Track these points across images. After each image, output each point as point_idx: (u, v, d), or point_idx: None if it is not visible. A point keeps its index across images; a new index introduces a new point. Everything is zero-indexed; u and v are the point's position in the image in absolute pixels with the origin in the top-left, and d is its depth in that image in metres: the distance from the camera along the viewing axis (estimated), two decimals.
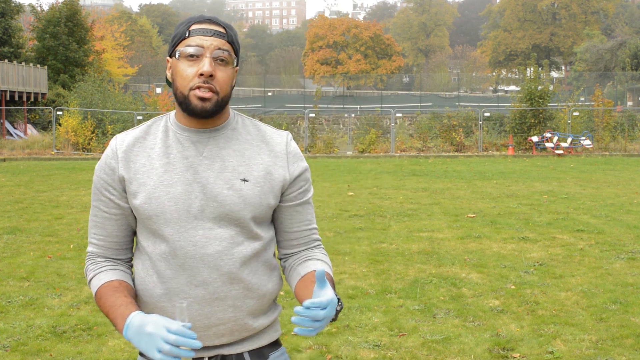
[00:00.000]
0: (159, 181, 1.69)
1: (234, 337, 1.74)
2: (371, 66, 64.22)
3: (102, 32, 44.64)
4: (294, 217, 1.82)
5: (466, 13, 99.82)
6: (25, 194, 12.89)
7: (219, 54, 1.67)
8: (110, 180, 1.74)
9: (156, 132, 1.76)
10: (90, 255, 1.80)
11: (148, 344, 1.52)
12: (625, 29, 64.65)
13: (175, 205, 1.68)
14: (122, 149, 1.74)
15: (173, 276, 1.70)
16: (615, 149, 23.81)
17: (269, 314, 1.81)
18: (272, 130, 1.81)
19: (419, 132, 26.44)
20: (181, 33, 1.71)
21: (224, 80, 1.68)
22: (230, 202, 1.69)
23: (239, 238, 1.71)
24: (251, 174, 1.72)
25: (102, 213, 1.77)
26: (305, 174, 1.81)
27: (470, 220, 9.73)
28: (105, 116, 25.61)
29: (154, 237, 1.72)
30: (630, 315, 5.32)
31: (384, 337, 4.87)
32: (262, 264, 1.76)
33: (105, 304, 1.69)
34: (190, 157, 1.71)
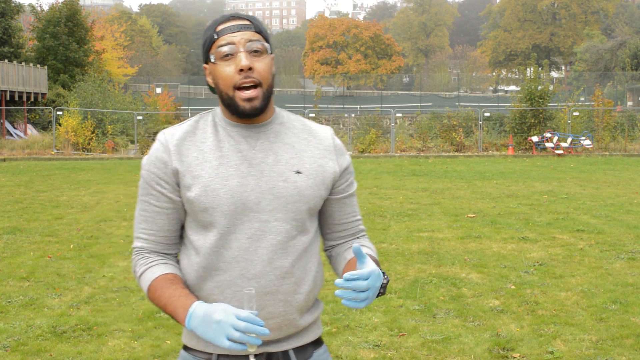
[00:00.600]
0: (214, 174, 1.68)
1: (281, 332, 1.73)
2: (371, 66, 64.21)
3: (102, 32, 44.63)
4: (342, 209, 1.84)
5: (466, 13, 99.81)
6: (25, 194, 12.89)
7: (252, 46, 1.68)
8: (162, 173, 1.72)
9: (205, 127, 1.76)
10: (140, 250, 1.78)
11: (216, 332, 1.53)
12: (625, 29, 64.64)
13: (232, 197, 1.67)
14: (173, 142, 1.72)
15: (225, 269, 1.69)
16: (615, 149, 23.81)
17: (312, 311, 1.80)
18: (316, 125, 1.84)
19: (419, 132, 26.44)
20: (210, 37, 1.72)
21: (264, 69, 1.69)
22: (286, 194, 1.70)
23: (293, 232, 1.71)
24: (304, 166, 1.74)
25: (153, 207, 1.75)
26: (350, 167, 1.85)
27: (470, 220, 9.73)
28: (105, 116, 25.61)
29: (206, 231, 1.70)
30: (630, 315, 5.32)
31: (384, 337, 4.87)
32: (310, 259, 1.77)
33: (162, 296, 1.68)
34: (244, 150, 1.71)
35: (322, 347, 1.84)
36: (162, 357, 4.54)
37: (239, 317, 1.52)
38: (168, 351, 4.63)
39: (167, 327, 5.10)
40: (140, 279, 1.76)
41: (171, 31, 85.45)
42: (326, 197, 1.79)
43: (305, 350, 1.79)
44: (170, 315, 1.68)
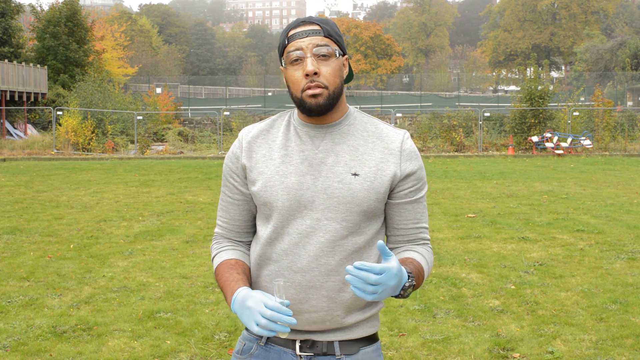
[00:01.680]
0: (275, 171, 1.80)
1: (325, 325, 1.80)
2: (371, 66, 64.23)
3: (102, 32, 44.64)
4: (402, 214, 1.87)
5: (466, 13, 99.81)
6: (25, 194, 12.89)
7: (319, 51, 1.76)
8: (234, 168, 1.88)
9: (280, 126, 1.88)
10: (216, 236, 1.96)
11: (248, 317, 1.65)
12: (625, 29, 64.63)
13: (287, 194, 1.78)
14: (247, 139, 1.87)
15: (276, 259, 1.80)
16: (615, 149, 23.81)
17: (365, 310, 1.85)
18: (390, 128, 1.88)
19: (419, 132, 26.45)
20: (282, 42, 1.82)
21: (330, 74, 1.77)
22: (338, 195, 1.77)
23: (344, 232, 1.77)
24: (362, 169, 1.79)
25: (227, 198, 1.92)
26: (418, 173, 1.85)
27: (470, 220, 9.73)
28: (105, 116, 25.62)
29: (267, 223, 1.83)
30: (630, 315, 5.32)
31: (384, 337, 4.87)
32: (361, 259, 1.80)
33: (221, 279, 1.83)
34: (307, 150, 1.81)
35: (371, 346, 1.88)
36: (162, 357, 4.54)
37: (267, 305, 1.63)
38: (168, 351, 4.63)
39: (167, 327, 5.10)
40: (212, 262, 1.93)
41: (171, 31, 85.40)
42: (384, 200, 1.83)
43: (352, 345, 1.83)
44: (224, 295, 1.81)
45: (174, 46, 77.72)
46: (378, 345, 1.90)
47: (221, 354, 4.56)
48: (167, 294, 6.01)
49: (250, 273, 1.88)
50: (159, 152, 24.59)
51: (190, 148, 25.85)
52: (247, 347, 1.88)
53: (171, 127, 29.39)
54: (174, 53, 73.52)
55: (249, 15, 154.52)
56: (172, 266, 7.04)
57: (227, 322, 5.17)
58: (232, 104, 42.45)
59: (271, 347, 1.85)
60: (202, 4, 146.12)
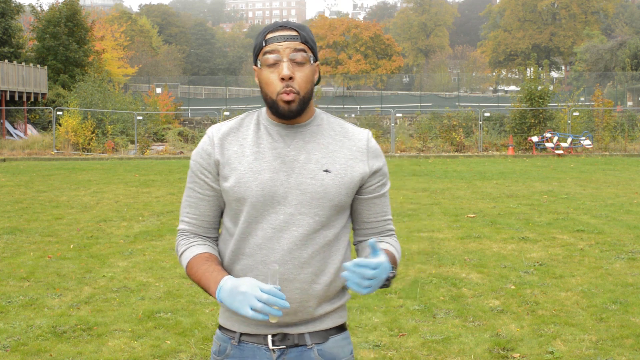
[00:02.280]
0: (249, 167, 1.86)
1: (296, 317, 1.87)
2: (371, 66, 64.19)
3: (102, 32, 44.64)
4: (371, 208, 1.97)
5: (466, 13, 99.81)
6: (25, 194, 12.89)
7: (295, 56, 1.83)
8: (206, 164, 1.91)
9: (249, 124, 1.94)
10: (182, 232, 1.98)
11: (241, 302, 1.70)
12: (625, 29, 64.63)
13: (261, 190, 1.84)
14: (218, 136, 1.91)
15: (250, 254, 1.86)
16: (615, 149, 23.81)
17: (334, 301, 1.92)
18: (354, 127, 1.97)
19: (419, 132, 26.44)
20: (259, 43, 1.88)
21: (303, 80, 1.84)
22: (312, 191, 1.84)
23: (316, 226, 1.85)
24: (333, 166, 1.87)
25: (197, 194, 1.94)
26: (383, 169, 1.96)
27: (470, 220, 9.73)
28: (105, 116, 25.62)
29: (237, 218, 1.88)
30: (630, 315, 5.32)
31: (384, 337, 4.87)
32: (334, 252, 1.89)
33: (197, 272, 1.86)
34: (279, 148, 1.88)
35: (340, 334, 1.95)
36: (162, 357, 4.55)
37: (262, 289, 1.69)
38: (168, 351, 4.63)
39: (167, 327, 5.10)
40: (181, 257, 1.95)
41: (171, 31, 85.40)
42: (353, 195, 1.92)
43: (322, 335, 1.91)
44: (203, 289, 1.84)
45: (174, 46, 77.72)
46: (347, 334, 1.98)
47: None
48: (167, 294, 6.01)
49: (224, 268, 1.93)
50: (159, 152, 24.59)
51: (190, 148, 25.85)
52: (223, 348, 1.93)
53: (171, 127, 29.39)
54: (174, 53, 73.52)
55: (249, 15, 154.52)
56: (172, 266, 7.04)
57: None
58: (232, 104, 42.49)
59: (245, 345, 1.90)
60: (202, 4, 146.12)
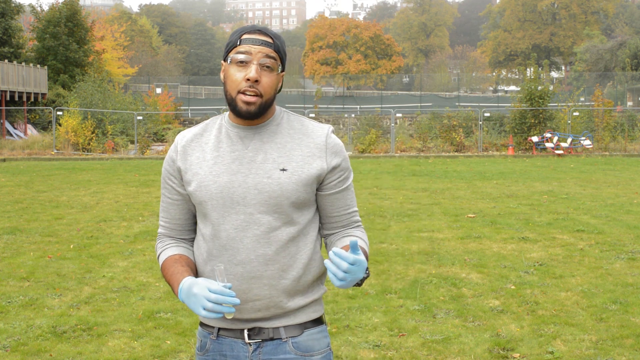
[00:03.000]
0: (209, 171, 1.92)
1: (269, 312, 1.92)
2: (371, 66, 64.18)
3: (102, 32, 44.62)
4: (334, 203, 1.99)
5: (466, 13, 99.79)
6: (25, 194, 12.89)
7: (265, 62, 1.87)
8: (172, 170, 2.00)
9: (212, 129, 1.99)
10: (159, 236, 2.07)
11: (195, 304, 1.78)
12: (625, 29, 64.62)
13: (220, 192, 1.90)
14: (181, 144, 1.98)
15: (217, 255, 1.91)
16: (615, 149, 23.80)
17: (307, 295, 1.96)
18: (314, 124, 1.99)
19: (419, 132, 26.44)
20: (234, 41, 1.91)
21: (268, 85, 1.88)
22: (268, 190, 1.88)
23: (276, 223, 1.89)
24: (290, 164, 1.90)
25: (167, 199, 2.03)
26: (342, 164, 1.97)
27: (470, 220, 9.73)
28: (105, 116, 25.62)
29: (205, 220, 1.95)
30: (630, 315, 5.32)
31: (384, 337, 4.87)
32: (301, 248, 1.93)
33: (167, 274, 1.95)
34: (237, 150, 1.92)
35: (316, 328, 1.98)
36: (162, 357, 4.54)
37: (210, 289, 1.75)
38: (168, 351, 4.63)
39: (167, 327, 5.10)
40: (158, 260, 2.04)
41: (171, 31, 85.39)
42: (313, 192, 1.95)
43: (296, 328, 1.95)
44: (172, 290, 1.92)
45: (174, 46, 77.71)
46: (324, 327, 2.01)
47: None
48: (167, 294, 6.01)
49: (196, 266, 1.99)
50: (159, 152, 24.59)
51: None
52: (203, 343, 2.01)
53: (171, 127, 29.40)
54: (174, 53, 73.51)
55: (249, 16, 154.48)
56: None
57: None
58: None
59: (223, 339, 1.96)
60: (202, 4, 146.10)
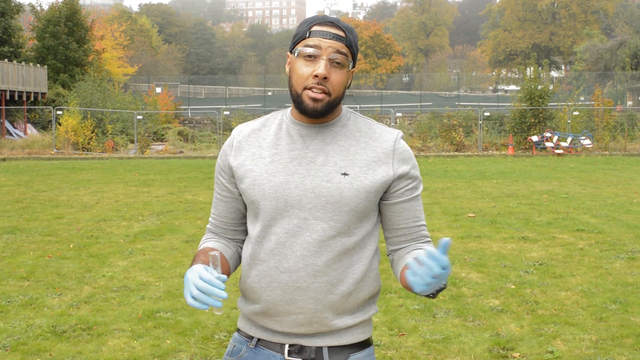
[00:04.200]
0: (264, 169, 1.78)
1: (312, 328, 1.76)
2: (371, 66, 64.21)
3: (102, 32, 44.63)
4: (401, 214, 1.83)
5: (466, 13, 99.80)
6: (25, 194, 12.89)
7: (335, 57, 1.72)
8: (223, 165, 1.88)
9: (271, 124, 1.86)
10: (207, 231, 1.97)
11: (186, 289, 1.64)
12: (625, 29, 64.62)
13: (275, 192, 1.75)
14: (238, 138, 1.86)
15: (264, 259, 1.77)
16: (615, 148, 23.81)
17: (357, 314, 1.80)
18: (383, 128, 1.84)
19: (419, 131, 26.45)
20: (302, 33, 1.76)
21: (338, 83, 1.73)
22: (327, 194, 1.73)
23: (331, 232, 1.73)
24: (352, 169, 1.75)
25: (217, 194, 1.92)
26: (411, 172, 1.82)
27: (470, 220, 9.73)
28: (105, 116, 25.62)
29: (255, 221, 1.81)
30: (630, 315, 5.32)
31: (384, 337, 4.87)
32: (353, 261, 1.77)
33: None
34: (297, 149, 1.78)
35: (363, 352, 1.82)
36: (162, 357, 4.54)
37: (201, 277, 1.61)
38: (168, 351, 4.63)
39: (167, 327, 5.10)
40: None
41: (171, 31, 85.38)
42: (376, 201, 1.79)
43: (341, 351, 1.78)
44: None
45: (174, 46, 77.70)
46: (370, 350, 1.85)
47: (221, 354, 4.55)
48: (167, 293, 6.00)
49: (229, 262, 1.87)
50: (158, 152, 24.58)
51: (190, 148, 25.87)
52: (237, 349, 1.88)
53: (171, 126, 29.40)
54: (173, 53, 73.51)
55: (249, 15, 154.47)
56: (172, 266, 7.04)
57: (227, 321, 5.16)
58: (232, 103, 42.46)
59: (260, 350, 1.82)
60: (202, 4, 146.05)
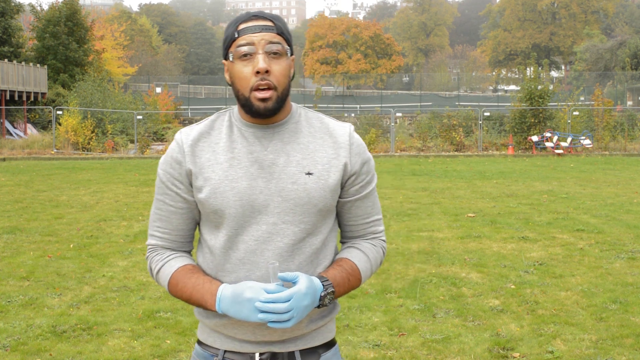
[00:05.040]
0: (224, 176, 1.69)
1: (285, 335, 1.72)
2: (371, 66, 64.19)
3: (102, 32, 44.64)
4: (353, 211, 1.80)
5: (466, 13, 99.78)
6: (25, 194, 12.89)
7: (271, 48, 1.67)
8: (177, 174, 1.74)
9: (220, 127, 1.76)
10: (154, 247, 1.81)
11: (249, 309, 1.57)
12: (625, 29, 64.62)
13: (240, 200, 1.68)
14: (188, 143, 1.73)
15: (232, 270, 1.70)
16: (615, 148, 23.80)
17: (324, 315, 1.78)
18: (335, 122, 1.80)
19: (419, 131, 26.45)
20: (231, 35, 1.70)
21: (281, 73, 1.68)
22: (294, 197, 1.68)
23: (302, 234, 1.70)
24: (315, 167, 1.71)
25: (168, 207, 1.77)
26: (367, 166, 1.78)
27: (470, 219, 9.73)
28: (105, 116, 25.63)
29: (217, 231, 1.72)
30: (630, 315, 5.32)
31: (384, 337, 4.87)
32: (320, 261, 1.75)
33: (186, 286, 1.70)
34: (256, 152, 1.71)
35: (331, 350, 1.81)
36: (162, 357, 4.54)
37: (268, 291, 1.57)
38: (168, 351, 4.63)
39: (167, 327, 5.10)
40: (158, 274, 1.78)
41: (171, 31, 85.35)
42: (337, 198, 1.76)
43: (312, 352, 1.77)
44: (197, 305, 1.70)
45: (174, 46, 77.68)
46: (336, 348, 1.84)
47: None
48: (167, 293, 6.00)
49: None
50: (159, 152, 24.58)
51: None
52: None
53: (171, 126, 29.42)
54: (173, 53, 73.49)
55: None
56: None
57: None
58: (232, 103, 42.45)
59: None
60: (202, 4, 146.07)
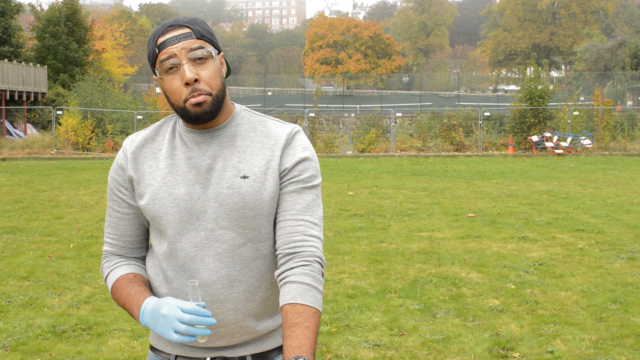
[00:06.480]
0: (163, 182, 1.69)
1: (235, 339, 1.70)
2: (371, 66, 64.21)
3: (102, 32, 44.65)
4: (282, 205, 1.70)
5: (466, 13, 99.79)
6: (25, 194, 12.89)
7: (194, 54, 1.63)
8: (121, 180, 1.75)
9: (165, 133, 1.75)
10: (106, 254, 1.82)
11: (164, 326, 1.55)
12: (625, 29, 64.63)
13: (177, 206, 1.67)
14: (131, 149, 1.74)
15: (174, 277, 1.69)
16: (615, 148, 23.80)
17: (276, 317, 1.75)
18: (279, 124, 1.75)
19: (419, 131, 26.45)
20: (152, 51, 1.67)
21: (210, 77, 1.64)
22: (229, 201, 1.65)
23: (240, 239, 1.67)
24: (251, 170, 1.67)
25: (116, 213, 1.78)
26: (302, 165, 1.70)
27: (470, 219, 9.73)
28: (105, 116, 25.62)
29: (160, 237, 1.72)
30: (630, 315, 5.32)
31: (383, 337, 4.87)
32: (266, 265, 1.71)
33: (121, 296, 1.70)
34: (194, 157, 1.69)
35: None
36: None
37: (184, 309, 1.54)
38: None
39: None
40: (106, 281, 1.80)
41: None
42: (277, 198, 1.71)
43: (264, 357, 1.74)
44: (131, 315, 1.68)
45: None
46: None
47: None
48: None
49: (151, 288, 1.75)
50: None
51: None
52: None
53: None
54: None
55: (249, 15, 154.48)
56: None
57: None
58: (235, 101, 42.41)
59: None
60: (202, 4, 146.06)
